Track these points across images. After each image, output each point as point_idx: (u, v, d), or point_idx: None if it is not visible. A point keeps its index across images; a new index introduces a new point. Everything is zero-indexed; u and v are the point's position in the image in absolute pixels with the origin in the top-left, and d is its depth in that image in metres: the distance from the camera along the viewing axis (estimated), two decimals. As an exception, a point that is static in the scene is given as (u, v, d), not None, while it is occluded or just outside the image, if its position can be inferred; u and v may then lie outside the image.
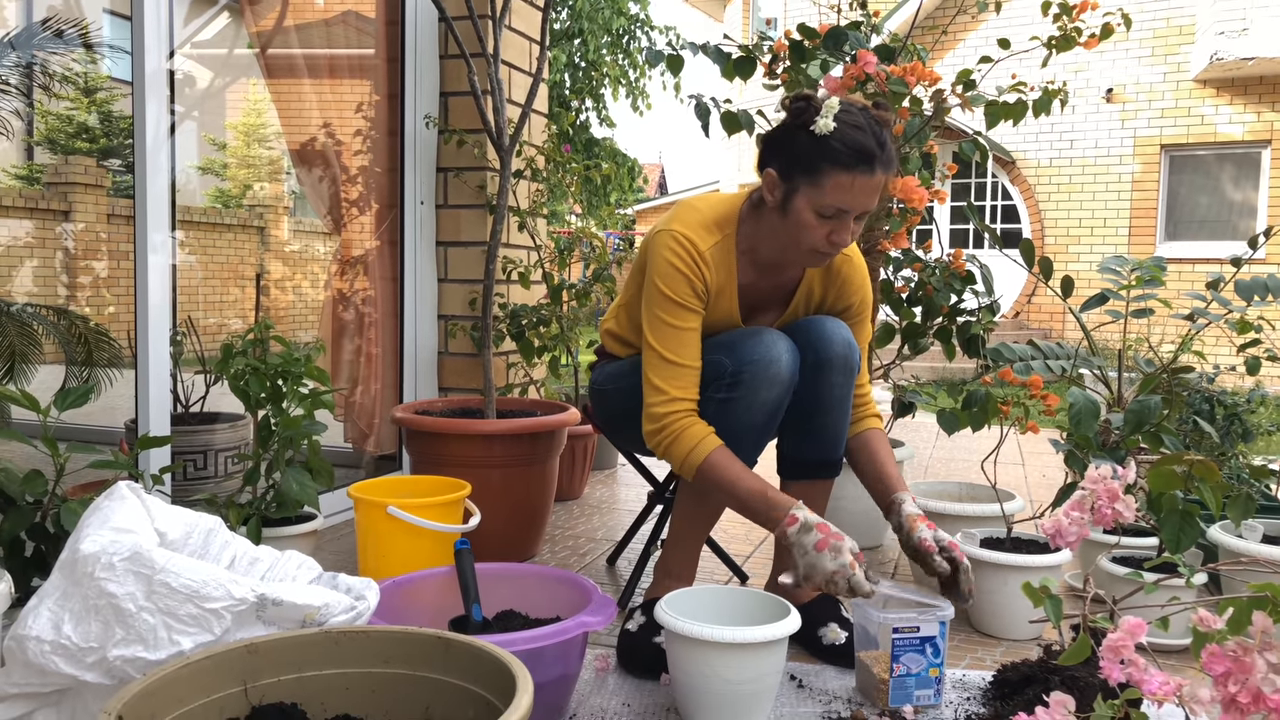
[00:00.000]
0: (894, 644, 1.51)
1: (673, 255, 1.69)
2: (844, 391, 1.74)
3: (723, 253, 1.73)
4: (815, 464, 1.81)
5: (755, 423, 1.68)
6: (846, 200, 1.58)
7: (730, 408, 1.66)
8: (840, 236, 1.62)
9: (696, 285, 1.69)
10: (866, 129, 1.57)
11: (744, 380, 1.64)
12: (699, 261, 1.69)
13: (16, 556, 1.55)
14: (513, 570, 1.70)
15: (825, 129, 1.55)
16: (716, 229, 1.72)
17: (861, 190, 1.57)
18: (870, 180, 1.57)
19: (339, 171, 2.95)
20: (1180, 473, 1.43)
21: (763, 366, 1.64)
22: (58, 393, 1.58)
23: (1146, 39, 9.44)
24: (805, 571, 1.50)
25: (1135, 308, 2.25)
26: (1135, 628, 1.00)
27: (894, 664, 1.51)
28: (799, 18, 11.02)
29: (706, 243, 1.70)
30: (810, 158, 1.58)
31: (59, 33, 4.25)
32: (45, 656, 1.04)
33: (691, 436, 1.63)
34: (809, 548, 1.50)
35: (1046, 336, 9.73)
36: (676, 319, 1.68)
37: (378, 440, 3.01)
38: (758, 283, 1.79)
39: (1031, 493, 3.27)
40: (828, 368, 1.71)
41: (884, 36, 2.69)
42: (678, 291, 1.68)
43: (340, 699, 1.09)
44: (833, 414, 1.75)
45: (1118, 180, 9.65)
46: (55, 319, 3.60)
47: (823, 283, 1.84)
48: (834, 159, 1.56)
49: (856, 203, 1.59)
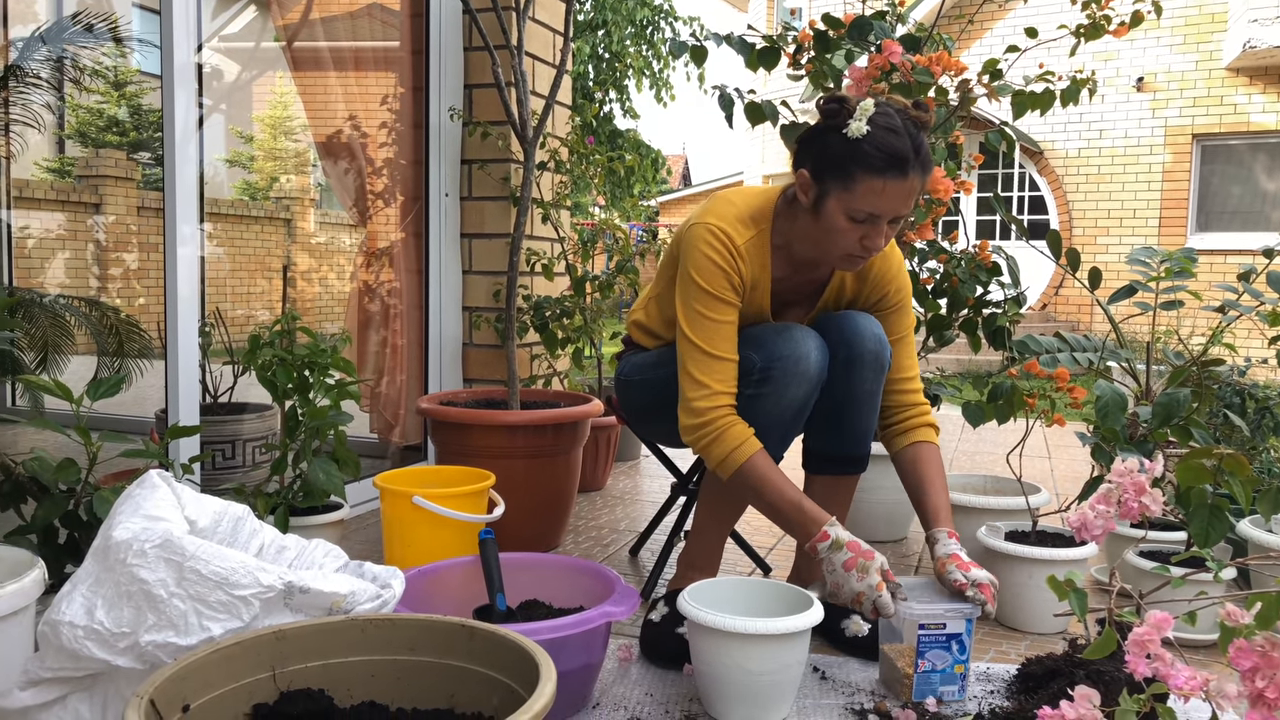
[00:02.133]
0: (920, 640, 1.51)
1: (709, 249, 1.67)
2: (874, 388, 1.73)
3: (757, 248, 1.71)
4: (841, 459, 1.80)
5: (783, 419, 1.67)
6: (878, 205, 1.55)
7: (758, 404, 1.66)
8: (873, 241, 1.59)
9: (733, 279, 1.67)
10: (902, 132, 1.54)
11: (773, 376, 1.64)
12: (735, 255, 1.67)
13: (50, 543, 1.58)
14: (536, 560, 1.71)
15: (858, 133, 1.53)
16: (752, 223, 1.71)
17: (894, 195, 1.55)
18: (903, 185, 1.55)
19: (364, 164, 2.97)
20: (1210, 466, 1.42)
21: (792, 363, 1.64)
22: (90, 383, 1.61)
23: (1178, 26, 9.30)
24: (832, 588, 1.52)
25: (1164, 300, 2.22)
26: (1162, 622, 0.99)
27: (919, 660, 1.51)
28: (824, 7, 10.94)
29: (743, 237, 1.69)
30: (842, 161, 1.55)
31: (89, 27, 4.30)
32: (79, 641, 1.06)
33: (734, 437, 1.61)
34: (837, 565, 1.51)
35: (1074, 329, 9.63)
36: (714, 312, 1.66)
37: (403, 431, 3.04)
38: (791, 278, 1.78)
39: (1057, 486, 3.24)
40: (858, 364, 1.70)
41: (909, 26, 2.67)
42: (715, 285, 1.66)
43: (366, 686, 1.10)
44: (861, 410, 1.74)
45: (1148, 170, 9.52)
46: (87, 310, 3.64)
47: (856, 277, 1.82)
48: (866, 163, 1.53)
49: (889, 207, 1.56)
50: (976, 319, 2.53)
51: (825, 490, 1.84)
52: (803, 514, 1.57)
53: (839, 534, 1.53)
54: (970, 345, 2.54)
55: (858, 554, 1.50)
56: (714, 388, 1.64)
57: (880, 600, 1.46)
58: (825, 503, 1.84)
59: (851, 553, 1.50)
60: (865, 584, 1.48)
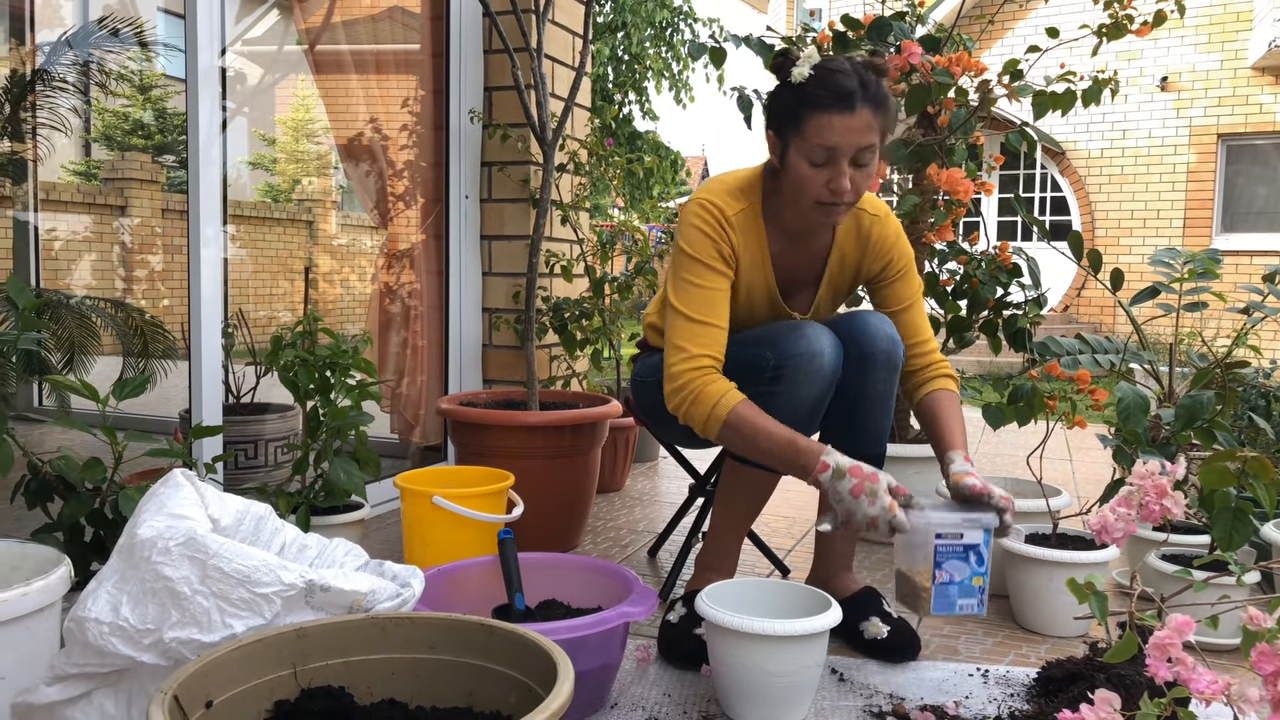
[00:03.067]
0: (936, 550, 1.46)
1: (698, 220, 1.69)
2: (887, 387, 1.73)
3: (749, 219, 1.72)
4: (856, 458, 1.79)
5: (797, 418, 1.67)
6: (830, 140, 1.55)
7: (771, 403, 1.65)
8: (838, 183, 1.58)
9: (723, 248, 1.68)
10: (849, 71, 1.57)
11: (785, 375, 1.64)
12: (724, 225, 1.69)
13: (76, 541, 1.60)
14: (555, 560, 1.72)
15: (801, 77, 1.57)
16: (743, 196, 1.72)
17: (844, 129, 1.55)
18: (851, 118, 1.54)
19: (385, 166, 2.99)
20: (1233, 469, 1.41)
21: (805, 360, 1.63)
22: (116, 383, 1.63)
23: (1202, 25, 9.21)
24: (844, 517, 1.48)
25: (1188, 301, 2.20)
26: (1183, 625, 0.99)
27: (936, 570, 1.46)
28: (843, 8, 10.91)
29: (733, 208, 1.70)
30: (793, 107, 1.59)
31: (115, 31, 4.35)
32: (104, 638, 1.07)
33: (712, 394, 1.58)
34: (845, 494, 1.47)
35: (1096, 330, 9.54)
36: (701, 279, 1.66)
37: (423, 431, 3.06)
38: (789, 252, 1.79)
39: (1078, 488, 3.22)
40: (870, 363, 1.70)
41: (929, 27, 2.66)
42: (703, 253, 1.67)
43: (386, 683, 1.11)
44: (875, 411, 1.74)
45: (1172, 171, 9.43)
46: (113, 311, 3.69)
47: (856, 247, 1.81)
48: (812, 103, 1.56)
49: (842, 141, 1.55)
50: (997, 320, 2.52)
51: None
52: (797, 449, 1.53)
53: (838, 461, 1.49)
54: (991, 347, 2.53)
55: (862, 478, 1.46)
56: (692, 351, 1.62)
57: (896, 519, 1.43)
58: None
59: (856, 478, 1.47)
60: (877, 507, 1.44)
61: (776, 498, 3.01)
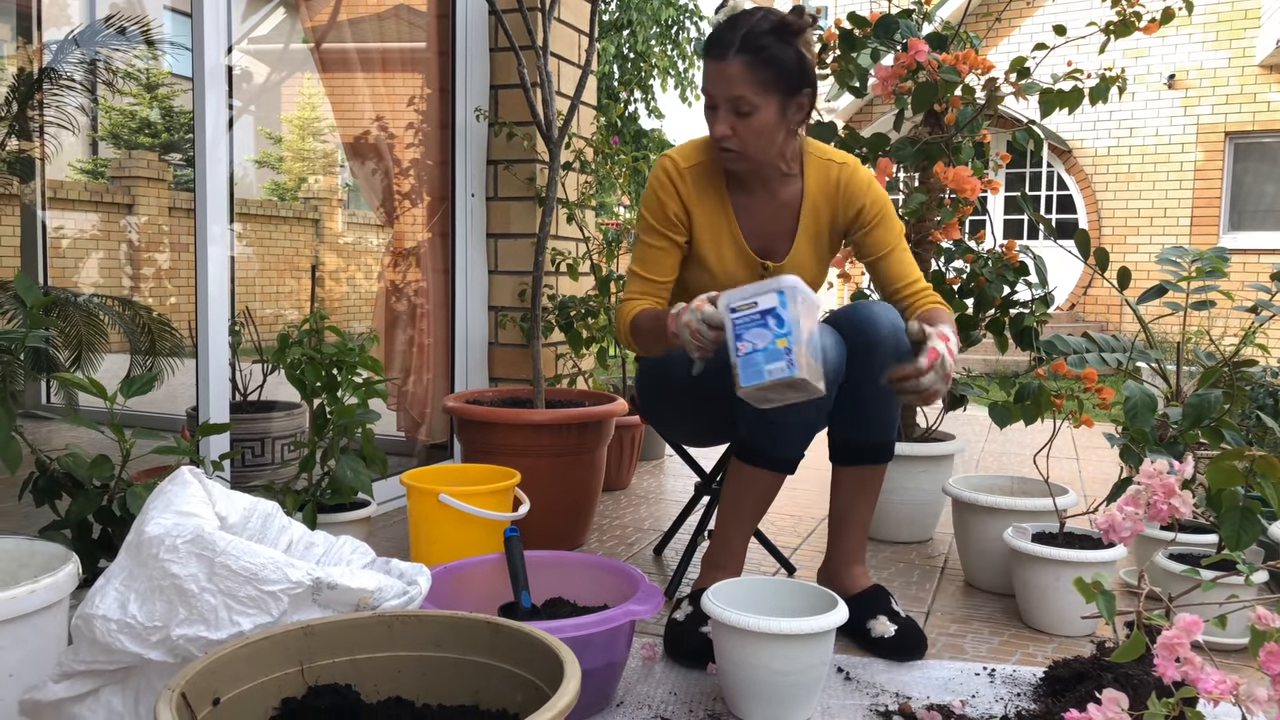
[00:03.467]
0: (734, 325, 1.45)
1: (653, 179, 1.83)
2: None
3: (706, 173, 1.83)
4: (865, 448, 1.80)
5: (803, 417, 1.67)
6: (705, 85, 1.69)
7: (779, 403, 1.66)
8: (713, 127, 1.70)
9: (670, 206, 1.81)
10: (738, 23, 1.66)
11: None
12: (675, 178, 1.81)
13: (84, 538, 1.60)
14: (561, 558, 1.72)
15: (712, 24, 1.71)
16: (705, 150, 1.84)
17: (712, 76, 1.67)
18: (722, 66, 1.65)
19: (391, 164, 3.00)
20: (1241, 468, 1.40)
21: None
22: (123, 380, 1.63)
23: (1210, 23, 9.18)
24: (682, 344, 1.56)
25: (1195, 300, 2.19)
26: (1191, 625, 0.98)
27: (738, 343, 1.45)
28: (849, 5, 10.88)
29: (689, 161, 1.82)
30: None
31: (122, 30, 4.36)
32: (111, 635, 1.07)
33: (625, 312, 1.81)
34: (679, 327, 1.54)
35: (1102, 329, 9.52)
36: (651, 238, 1.84)
37: (429, 429, 3.06)
38: (755, 203, 1.85)
39: (1085, 487, 3.21)
40: (876, 350, 1.70)
41: (936, 24, 2.66)
42: (654, 216, 1.82)
43: (392, 681, 1.11)
44: (882, 399, 1.74)
45: (1179, 169, 9.40)
46: (120, 309, 3.70)
47: (827, 195, 1.85)
48: (703, 49, 1.70)
49: (710, 88, 1.68)
50: (1003, 319, 2.51)
51: (853, 482, 1.83)
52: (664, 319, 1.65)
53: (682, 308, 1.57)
54: (997, 345, 2.52)
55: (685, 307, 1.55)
56: (631, 295, 1.83)
57: (704, 312, 1.49)
58: (854, 494, 1.84)
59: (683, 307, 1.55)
60: (688, 314, 1.51)
61: (783, 496, 3.00)
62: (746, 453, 1.74)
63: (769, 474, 1.74)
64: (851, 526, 1.86)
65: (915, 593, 2.09)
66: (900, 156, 2.43)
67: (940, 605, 2.02)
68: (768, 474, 1.74)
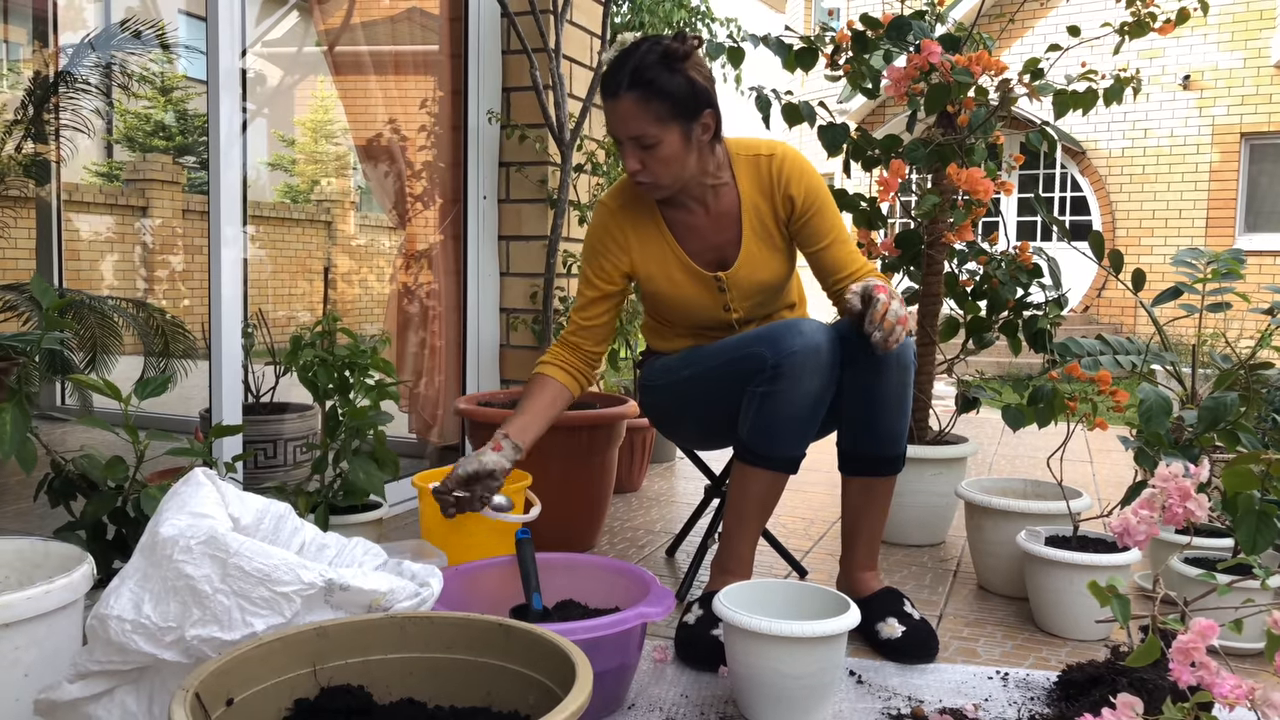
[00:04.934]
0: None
1: (591, 231, 1.91)
2: (902, 390, 1.73)
3: (638, 207, 1.88)
4: (872, 460, 1.79)
5: (799, 415, 1.68)
6: (608, 125, 1.73)
7: (772, 400, 1.67)
8: (626, 164, 1.73)
9: (607, 262, 1.88)
10: (621, 59, 1.69)
11: (784, 373, 1.66)
12: (611, 226, 1.88)
13: (99, 539, 1.61)
14: (572, 560, 1.72)
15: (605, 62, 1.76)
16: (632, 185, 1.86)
17: (609, 116, 1.72)
18: (615, 104, 1.69)
19: (404, 167, 3.00)
20: (1257, 472, 1.39)
21: (802, 358, 1.65)
22: (137, 382, 1.64)
23: (1225, 24, 9.12)
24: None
25: (1211, 302, 2.18)
26: (1207, 629, 0.98)
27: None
28: (862, 7, 10.86)
29: (619, 199, 1.89)
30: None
31: (137, 33, 4.38)
32: (126, 635, 1.08)
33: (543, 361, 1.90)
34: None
35: (1117, 331, 9.47)
36: (585, 286, 1.92)
37: (441, 431, 3.07)
38: (692, 218, 1.87)
39: (1099, 491, 3.20)
40: (883, 364, 1.70)
41: (949, 25, 2.65)
42: (590, 265, 1.91)
43: (404, 683, 1.12)
44: (891, 412, 1.74)
45: (1194, 170, 9.34)
46: (134, 311, 3.72)
47: (759, 188, 1.85)
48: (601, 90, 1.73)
49: (612, 128, 1.72)
50: (1017, 321, 2.50)
51: (862, 492, 1.83)
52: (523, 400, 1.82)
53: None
54: (1010, 348, 2.51)
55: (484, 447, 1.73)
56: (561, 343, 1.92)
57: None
58: (864, 505, 1.84)
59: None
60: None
61: (794, 499, 3.00)
62: (747, 454, 1.74)
63: (771, 474, 1.74)
64: (862, 536, 1.85)
65: (928, 596, 2.09)
66: (913, 158, 2.43)
67: (953, 608, 2.01)
68: (769, 475, 1.74)
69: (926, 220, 2.47)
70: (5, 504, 2.76)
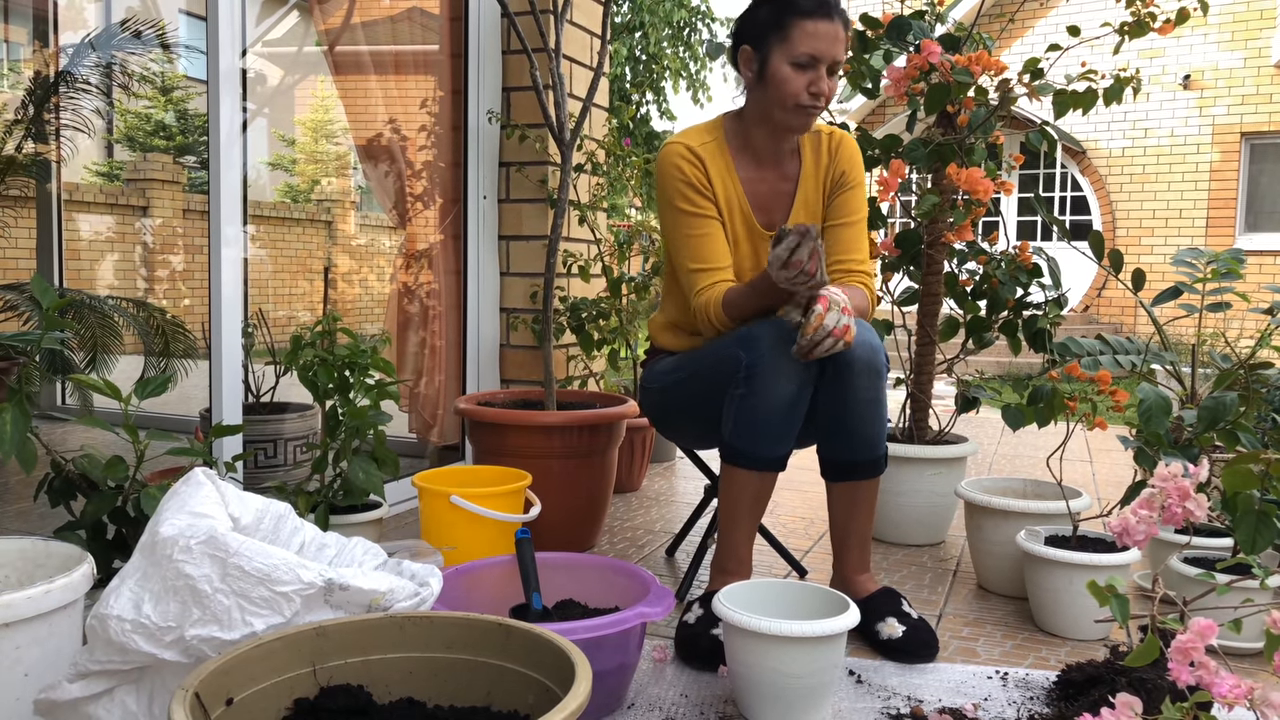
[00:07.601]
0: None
1: (671, 165, 1.85)
2: (873, 393, 1.73)
3: (716, 150, 1.88)
4: (849, 465, 1.80)
5: (775, 416, 1.69)
6: (814, 46, 1.74)
7: (749, 402, 1.68)
8: (818, 86, 1.76)
9: (699, 184, 1.84)
10: None
11: (758, 374, 1.67)
12: (695, 159, 1.85)
13: (99, 539, 1.61)
14: (572, 560, 1.72)
15: None
16: (706, 133, 1.90)
17: (825, 36, 1.74)
18: (831, 27, 1.74)
19: (404, 166, 3.00)
20: (1257, 472, 1.39)
21: (772, 360, 1.66)
22: (137, 382, 1.64)
23: (1225, 23, 9.12)
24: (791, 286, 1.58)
25: (1211, 301, 2.18)
26: (1206, 629, 0.98)
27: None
28: (861, 7, 10.86)
29: (698, 140, 1.87)
30: (776, 18, 1.76)
31: (137, 33, 4.38)
32: (126, 635, 1.08)
33: (707, 301, 1.80)
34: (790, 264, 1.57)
35: (1117, 331, 9.47)
36: (689, 228, 1.84)
37: (441, 431, 3.07)
38: (760, 178, 1.91)
39: (1099, 490, 3.20)
40: (849, 371, 1.70)
41: (949, 25, 2.65)
42: (686, 200, 1.84)
43: (404, 682, 1.12)
44: (864, 416, 1.74)
45: (1195, 170, 9.34)
46: (134, 311, 3.72)
47: (819, 165, 1.93)
48: (797, 10, 1.74)
49: (823, 48, 1.74)
50: (1017, 321, 2.50)
51: (846, 497, 1.83)
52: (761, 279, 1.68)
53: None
54: (1010, 347, 2.51)
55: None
56: (699, 286, 1.82)
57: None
58: (849, 509, 1.84)
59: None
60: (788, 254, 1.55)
61: (794, 499, 3.00)
62: (733, 455, 1.74)
63: (757, 474, 1.74)
64: (852, 540, 1.86)
65: (927, 595, 2.09)
66: (913, 158, 2.43)
67: (952, 608, 2.01)
68: (755, 474, 1.74)
69: (926, 220, 2.47)
70: (6, 504, 2.76)
